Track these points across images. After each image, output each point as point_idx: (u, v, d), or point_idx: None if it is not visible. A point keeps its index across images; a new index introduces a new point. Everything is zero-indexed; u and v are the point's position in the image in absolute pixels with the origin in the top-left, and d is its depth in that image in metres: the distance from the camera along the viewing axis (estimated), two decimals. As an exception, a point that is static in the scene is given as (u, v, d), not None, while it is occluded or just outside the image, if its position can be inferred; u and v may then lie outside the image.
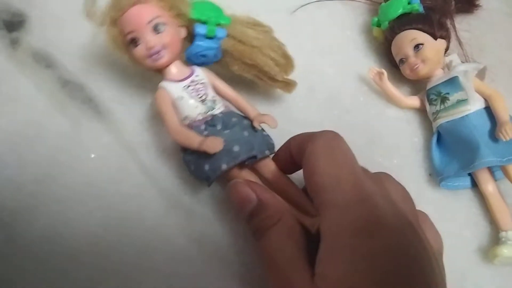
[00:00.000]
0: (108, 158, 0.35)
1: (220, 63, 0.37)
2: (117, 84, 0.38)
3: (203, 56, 0.35)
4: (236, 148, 0.31)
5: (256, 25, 0.36)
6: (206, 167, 0.31)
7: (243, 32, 0.35)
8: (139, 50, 0.32)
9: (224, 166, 0.31)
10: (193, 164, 0.32)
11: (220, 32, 0.34)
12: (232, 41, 0.35)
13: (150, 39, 0.31)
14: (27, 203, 0.33)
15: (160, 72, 0.34)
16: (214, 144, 0.30)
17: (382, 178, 0.28)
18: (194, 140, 0.31)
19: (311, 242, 0.26)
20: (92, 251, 0.32)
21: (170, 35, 0.32)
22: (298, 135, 0.30)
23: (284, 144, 0.32)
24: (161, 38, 0.32)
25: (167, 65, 0.33)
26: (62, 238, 0.32)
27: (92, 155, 0.35)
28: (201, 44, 0.34)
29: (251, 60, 0.35)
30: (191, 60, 0.35)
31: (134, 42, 0.32)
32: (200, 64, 0.35)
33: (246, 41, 0.35)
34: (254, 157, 0.32)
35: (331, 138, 0.27)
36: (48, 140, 0.35)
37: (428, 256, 0.24)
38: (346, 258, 0.22)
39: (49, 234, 0.32)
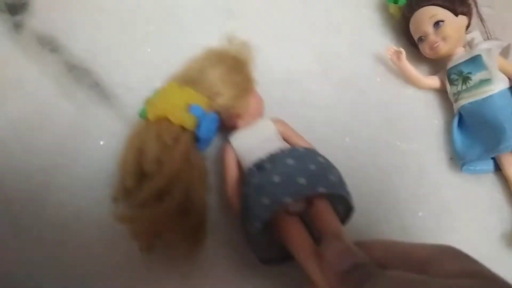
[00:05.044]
0: (117, 145, 0.34)
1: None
2: (124, 68, 0.37)
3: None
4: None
5: None
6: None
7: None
8: None
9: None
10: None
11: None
12: None
13: None
14: (35, 193, 0.32)
15: None
16: None
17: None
18: None
19: None
20: (102, 241, 0.31)
21: None
22: None
23: None
24: None
25: None
26: (71, 228, 0.31)
27: (101, 142, 0.34)
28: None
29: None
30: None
31: None
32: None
33: None
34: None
35: None
36: (54, 127, 0.34)
37: None
38: None
39: (58, 224, 0.31)
